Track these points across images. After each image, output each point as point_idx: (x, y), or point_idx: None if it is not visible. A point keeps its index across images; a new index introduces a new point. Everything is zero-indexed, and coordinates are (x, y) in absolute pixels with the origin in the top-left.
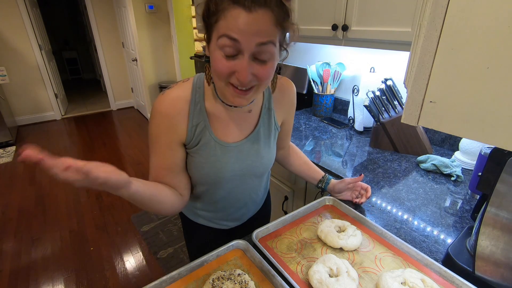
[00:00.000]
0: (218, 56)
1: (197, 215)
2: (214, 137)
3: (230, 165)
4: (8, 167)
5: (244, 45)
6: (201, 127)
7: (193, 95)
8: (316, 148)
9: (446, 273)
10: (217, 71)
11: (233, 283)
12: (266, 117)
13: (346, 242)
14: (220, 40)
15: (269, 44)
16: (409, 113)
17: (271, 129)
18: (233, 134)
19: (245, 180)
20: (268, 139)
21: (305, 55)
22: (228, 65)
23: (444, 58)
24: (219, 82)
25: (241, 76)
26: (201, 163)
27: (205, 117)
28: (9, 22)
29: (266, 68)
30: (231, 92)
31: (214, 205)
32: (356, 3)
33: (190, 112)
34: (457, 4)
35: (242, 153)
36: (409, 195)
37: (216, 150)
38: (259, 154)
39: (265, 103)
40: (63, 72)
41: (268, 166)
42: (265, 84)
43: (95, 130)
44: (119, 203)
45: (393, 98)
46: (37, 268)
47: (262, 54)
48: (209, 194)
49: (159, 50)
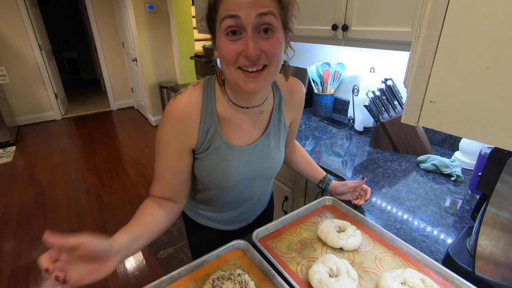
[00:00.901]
0: (223, 41)
1: (202, 216)
2: (225, 141)
3: (241, 168)
4: (8, 167)
5: (245, 19)
6: (212, 131)
7: (204, 99)
8: (316, 148)
9: (446, 273)
10: (225, 56)
11: (233, 283)
12: (276, 119)
13: (346, 242)
14: (222, 23)
15: (269, 15)
16: (409, 113)
17: (280, 131)
18: (244, 137)
19: (255, 183)
20: (278, 141)
21: (305, 55)
22: (234, 47)
23: (444, 58)
24: (229, 72)
25: (248, 50)
26: (212, 167)
27: (216, 121)
28: (9, 22)
29: (271, 42)
30: (243, 78)
31: (222, 208)
32: (356, 3)
33: (202, 117)
34: (457, 4)
35: (253, 156)
36: (409, 195)
37: (227, 154)
38: (269, 156)
39: (276, 105)
40: (63, 72)
41: (278, 167)
42: (275, 63)
43: (95, 130)
44: (119, 203)
45: (393, 98)
46: (37, 268)
47: (264, 26)
48: (218, 198)
49: (159, 50)
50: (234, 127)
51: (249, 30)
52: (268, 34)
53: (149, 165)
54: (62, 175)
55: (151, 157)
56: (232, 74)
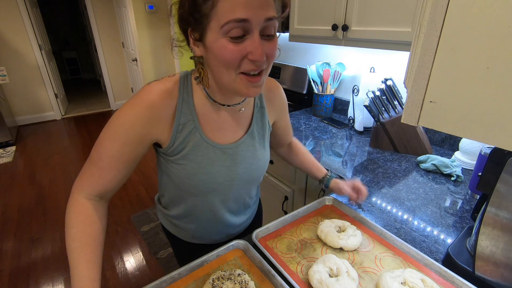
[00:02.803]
0: (224, 43)
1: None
2: (205, 137)
3: (227, 169)
4: (8, 167)
5: (254, 22)
6: (190, 127)
7: (181, 91)
8: (316, 148)
9: (446, 273)
10: (226, 59)
11: (233, 283)
12: (259, 116)
13: (346, 242)
14: (225, 27)
15: (274, 19)
16: (409, 113)
17: (264, 129)
18: (226, 136)
19: (243, 186)
20: (262, 139)
21: (305, 55)
22: (238, 49)
23: (444, 58)
24: (228, 77)
25: (256, 54)
26: (193, 169)
27: (194, 115)
28: (9, 22)
29: (273, 45)
30: (245, 83)
31: (205, 217)
32: (356, 3)
33: (178, 109)
34: (457, 4)
35: (239, 156)
36: (409, 195)
37: (208, 152)
38: (256, 156)
39: (257, 102)
40: (63, 72)
41: (265, 168)
42: (270, 66)
43: (95, 130)
44: (119, 203)
45: (393, 98)
46: (37, 268)
47: (268, 29)
48: (203, 206)
49: (159, 50)
50: (214, 125)
51: (255, 32)
52: (270, 35)
53: (149, 164)
54: (62, 175)
55: (151, 157)
56: (233, 79)
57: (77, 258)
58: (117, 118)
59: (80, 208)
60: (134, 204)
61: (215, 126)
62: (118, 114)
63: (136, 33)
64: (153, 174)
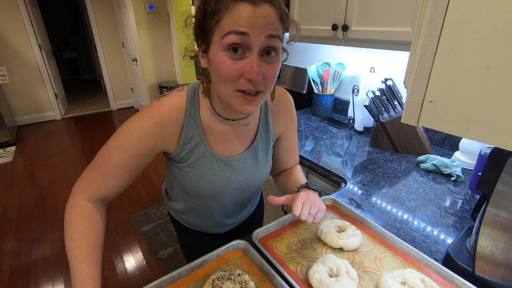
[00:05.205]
0: (223, 59)
1: (187, 223)
2: (209, 150)
3: (226, 179)
4: (8, 167)
5: (253, 39)
6: (196, 140)
7: (188, 106)
8: (316, 148)
9: (446, 273)
10: (224, 75)
11: (233, 283)
12: (264, 131)
13: (346, 242)
14: (225, 38)
15: (276, 38)
16: (409, 113)
17: (269, 143)
18: (230, 149)
19: (242, 193)
20: (266, 153)
21: (305, 55)
22: (236, 67)
23: (444, 58)
24: (225, 91)
25: (252, 74)
26: (196, 177)
27: (200, 130)
28: (9, 22)
29: (273, 68)
30: (240, 100)
31: (205, 216)
32: (356, 3)
33: (185, 123)
34: (457, 4)
35: (240, 167)
36: (409, 195)
37: (212, 163)
38: (257, 168)
39: (262, 116)
40: (63, 72)
41: (264, 179)
42: (270, 88)
43: (95, 130)
44: (119, 203)
45: (393, 98)
46: (37, 268)
47: (269, 49)
48: (203, 207)
49: (159, 50)
50: (219, 138)
51: (255, 51)
52: (270, 56)
53: (149, 165)
54: (62, 175)
55: None
56: (229, 94)
57: (78, 258)
58: (127, 129)
59: (81, 209)
60: (134, 204)
61: (220, 138)
62: (127, 125)
63: (136, 33)
64: (153, 174)
